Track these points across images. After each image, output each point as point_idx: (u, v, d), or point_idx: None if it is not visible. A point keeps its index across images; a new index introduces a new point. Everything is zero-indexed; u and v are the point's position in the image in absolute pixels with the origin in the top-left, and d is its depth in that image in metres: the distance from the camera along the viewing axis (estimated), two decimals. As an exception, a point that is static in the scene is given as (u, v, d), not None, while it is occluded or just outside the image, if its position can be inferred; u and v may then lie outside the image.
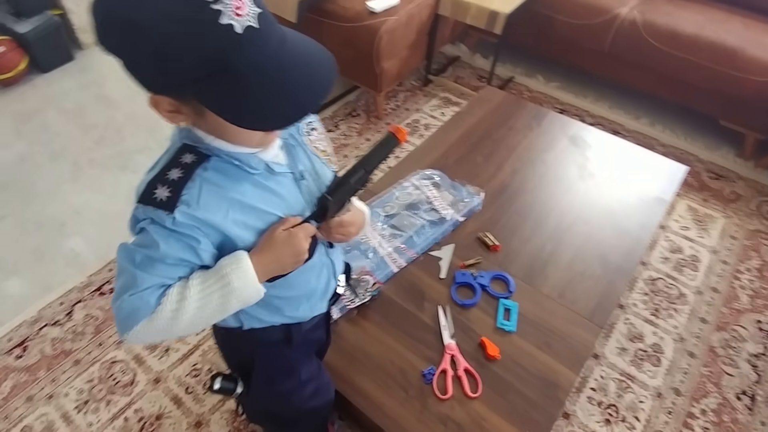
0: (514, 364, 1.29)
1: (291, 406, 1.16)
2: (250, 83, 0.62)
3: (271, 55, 0.63)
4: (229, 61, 0.60)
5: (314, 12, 2.44)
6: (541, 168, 1.82)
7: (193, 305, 0.75)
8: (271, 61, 0.63)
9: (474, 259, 1.51)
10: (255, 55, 0.61)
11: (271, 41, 0.63)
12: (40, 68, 3.03)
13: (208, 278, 0.76)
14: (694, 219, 2.33)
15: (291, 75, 0.64)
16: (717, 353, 1.86)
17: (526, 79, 3.15)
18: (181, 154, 0.75)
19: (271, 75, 0.63)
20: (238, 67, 0.61)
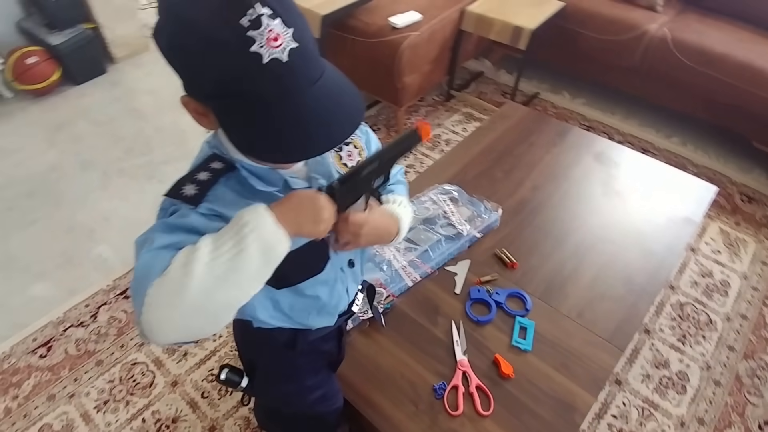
0: (529, 383, 1.27)
1: (292, 407, 1.17)
2: (257, 114, 0.62)
3: (292, 91, 0.62)
4: (244, 88, 0.61)
5: (337, 27, 2.47)
6: (563, 185, 1.79)
7: (206, 254, 0.64)
8: (288, 97, 0.62)
9: (490, 276, 1.49)
10: (274, 87, 0.61)
11: (299, 77, 0.62)
12: (73, 80, 3.13)
13: (223, 229, 0.69)
14: (725, 242, 2.27)
15: (304, 116, 0.64)
16: (742, 382, 1.80)
17: (551, 95, 3.14)
18: (210, 161, 0.76)
19: (283, 111, 0.63)
20: (251, 96, 0.61)
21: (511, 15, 2.52)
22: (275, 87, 0.61)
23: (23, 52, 2.90)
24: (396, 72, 2.44)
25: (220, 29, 0.57)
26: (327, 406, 1.19)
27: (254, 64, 0.58)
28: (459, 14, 2.63)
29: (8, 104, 3.00)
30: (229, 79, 0.60)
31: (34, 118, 2.91)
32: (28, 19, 3.07)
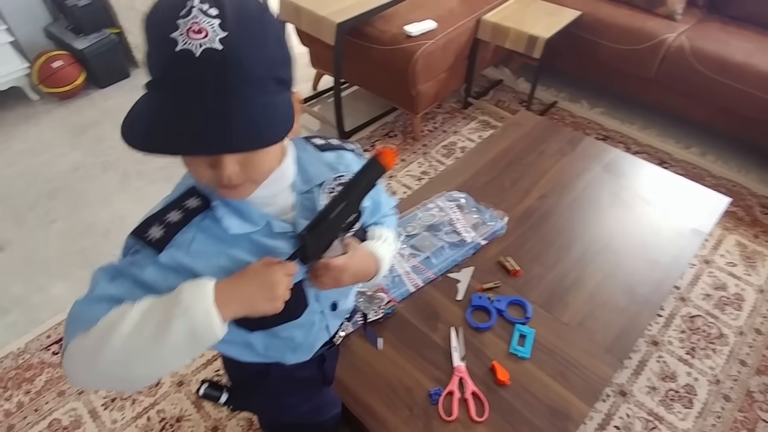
0: (525, 391, 1.28)
1: (283, 419, 1.19)
2: (145, 96, 0.60)
3: (180, 87, 0.58)
4: (156, 74, 0.60)
5: (352, 35, 2.52)
6: (570, 194, 1.81)
7: (130, 326, 0.64)
8: (174, 90, 0.58)
9: (492, 283, 1.52)
10: (170, 75, 0.58)
11: (199, 77, 0.57)
12: (97, 83, 3.25)
13: (158, 299, 0.67)
14: (742, 255, 2.24)
15: (169, 108, 0.58)
16: (754, 398, 1.77)
17: (569, 104, 3.13)
18: (187, 197, 0.74)
19: (156, 97, 0.60)
20: (155, 81, 0.60)
21: (526, 24, 2.54)
22: (172, 75, 0.58)
23: (49, 56, 3.01)
24: (411, 80, 2.48)
25: (164, 15, 0.57)
26: (323, 415, 1.21)
27: (167, 49, 0.56)
28: (475, 23, 2.65)
29: (35, 107, 3.12)
30: (150, 65, 0.59)
31: (59, 120, 3.02)
32: (54, 24, 3.20)
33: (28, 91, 3.12)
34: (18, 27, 3.08)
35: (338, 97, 2.64)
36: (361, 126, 2.93)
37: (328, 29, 2.39)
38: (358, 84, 3.09)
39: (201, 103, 0.57)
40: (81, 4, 3.02)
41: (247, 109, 0.58)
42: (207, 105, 0.57)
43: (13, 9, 3.03)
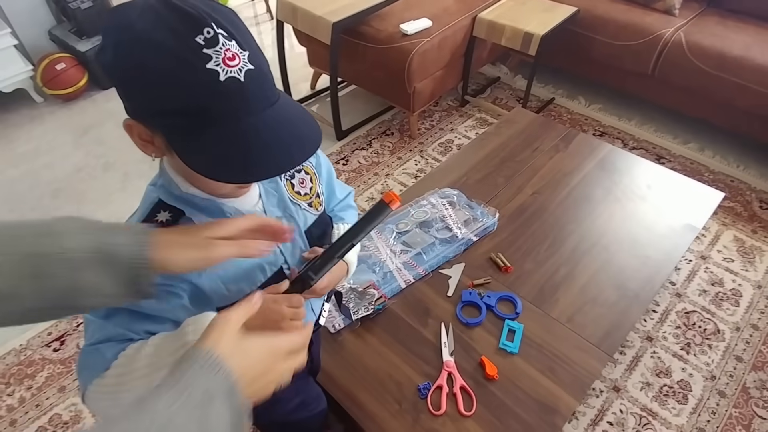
0: (513, 385, 1.29)
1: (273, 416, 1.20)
2: (212, 132, 0.61)
3: (247, 111, 0.61)
4: (200, 105, 0.59)
5: (348, 34, 2.53)
6: (563, 191, 1.81)
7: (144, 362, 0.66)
8: (243, 117, 0.61)
9: (483, 279, 1.52)
10: (228, 105, 0.60)
11: (254, 98, 0.62)
12: (100, 85, 3.28)
13: (168, 335, 0.69)
14: (739, 250, 2.23)
15: (258, 136, 0.62)
16: (750, 394, 1.77)
17: (566, 100, 3.13)
18: (156, 212, 0.74)
19: (236, 129, 0.61)
20: (206, 114, 0.60)
21: (521, 21, 2.54)
22: (230, 105, 0.60)
23: (53, 58, 3.04)
24: (407, 78, 2.49)
25: (177, 46, 0.57)
26: (310, 411, 1.22)
27: (211, 81, 0.58)
28: (471, 21, 2.66)
29: (38, 108, 3.15)
30: (185, 97, 0.59)
31: (62, 121, 3.05)
32: (58, 27, 3.24)
33: (33, 93, 3.16)
34: (22, 30, 3.12)
35: (335, 96, 2.66)
36: (359, 124, 2.94)
37: (324, 29, 2.41)
38: (355, 83, 3.11)
39: (281, 124, 0.64)
40: (84, 7, 3.06)
41: (299, 113, 0.67)
42: (281, 117, 0.64)
43: (17, 12, 3.08)
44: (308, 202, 0.93)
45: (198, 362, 0.51)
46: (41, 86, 3.09)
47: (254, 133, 0.62)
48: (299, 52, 3.12)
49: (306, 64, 3.13)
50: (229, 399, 0.51)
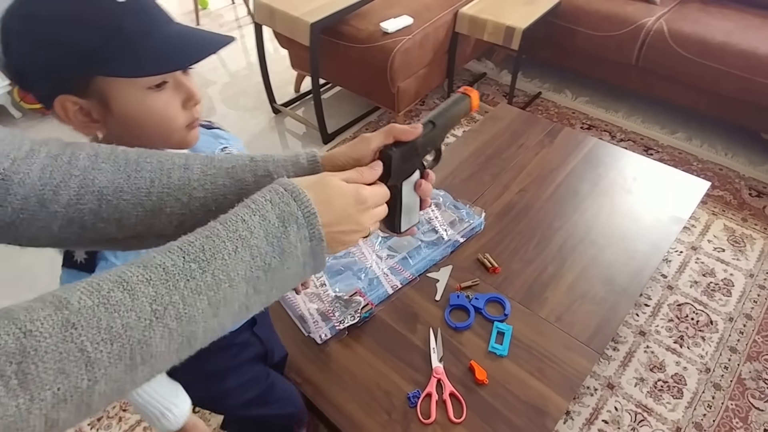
0: (503, 389, 1.28)
1: (225, 408, 1.19)
2: (140, 44, 0.65)
3: (156, 23, 0.69)
4: (116, 26, 0.64)
5: (328, 34, 2.51)
6: (549, 187, 1.80)
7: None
8: (153, 30, 0.68)
9: (471, 281, 1.51)
10: (137, 20, 0.65)
11: (157, 13, 0.70)
12: (78, 97, 3.24)
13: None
14: (730, 240, 2.23)
15: (176, 35, 0.70)
16: (746, 385, 1.76)
17: (553, 94, 3.13)
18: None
19: (157, 35, 0.68)
20: (123, 33, 0.64)
21: (503, 15, 2.53)
22: (139, 18, 0.66)
23: (29, 72, 3.01)
24: (390, 77, 2.47)
25: None
26: (271, 409, 1.21)
27: (113, 5, 0.63)
28: (452, 16, 2.65)
29: (17, 124, 3.11)
30: (98, 27, 0.63)
31: (40, 135, 2.99)
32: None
33: (11, 108, 3.12)
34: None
35: (318, 99, 2.64)
36: (345, 126, 2.93)
37: (302, 30, 2.39)
38: (338, 84, 3.09)
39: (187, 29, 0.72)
40: None
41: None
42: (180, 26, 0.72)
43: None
44: None
45: (274, 187, 0.51)
46: (18, 101, 3.07)
47: (170, 35, 0.69)
48: (283, 54, 3.10)
49: (290, 67, 3.11)
50: (307, 227, 0.50)
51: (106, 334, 0.39)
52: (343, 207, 0.54)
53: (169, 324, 0.42)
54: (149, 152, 0.57)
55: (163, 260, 0.43)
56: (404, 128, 0.62)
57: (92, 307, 0.39)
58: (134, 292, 0.41)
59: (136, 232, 0.56)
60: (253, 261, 0.47)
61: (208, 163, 0.58)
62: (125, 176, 0.55)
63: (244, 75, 3.49)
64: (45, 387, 0.36)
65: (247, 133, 2.96)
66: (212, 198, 0.57)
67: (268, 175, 0.59)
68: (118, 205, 0.54)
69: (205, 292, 0.44)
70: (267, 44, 2.89)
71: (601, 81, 3.00)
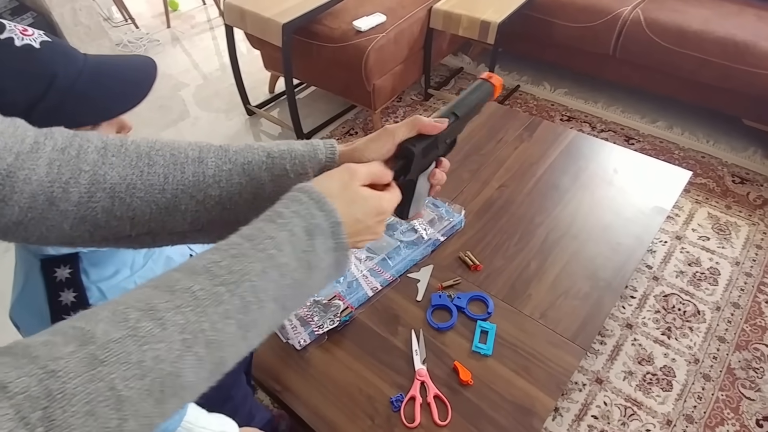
0: (488, 389, 1.27)
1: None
2: (77, 87, 0.68)
3: (79, 63, 0.71)
4: (48, 73, 0.66)
5: (301, 34, 2.49)
6: (530, 182, 1.80)
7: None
8: (82, 67, 0.70)
9: (452, 280, 1.50)
10: (58, 62, 0.68)
11: (69, 52, 0.71)
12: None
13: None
14: (714, 228, 2.25)
15: (103, 70, 0.73)
16: (736, 375, 1.77)
17: (532, 87, 3.14)
18: (51, 274, 0.74)
19: (88, 73, 0.70)
20: (53, 77, 0.67)
21: (477, 10, 2.53)
22: (60, 59, 0.68)
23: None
24: (365, 75, 2.46)
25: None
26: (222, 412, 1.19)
27: (34, 52, 0.65)
28: (426, 12, 2.64)
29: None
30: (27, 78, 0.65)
31: None
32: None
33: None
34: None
35: (292, 99, 2.62)
36: (321, 126, 2.92)
37: (274, 31, 2.37)
38: (313, 83, 3.07)
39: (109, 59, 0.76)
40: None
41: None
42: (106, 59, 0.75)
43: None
44: None
45: (299, 196, 0.49)
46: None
47: (99, 67, 0.72)
48: (256, 54, 3.07)
49: (261, 69, 3.08)
50: (333, 238, 0.49)
51: (137, 369, 0.36)
52: (364, 219, 0.53)
53: (198, 352, 0.40)
54: (160, 144, 0.55)
55: (190, 284, 0.41)
56: (430, 123, 0.59)
57: (120, 340, 0.37)
58: (164, 321, 0.39)
59: (150, 229, 0.55)
60: (282, 280, 0.45)
61: (223, 157, 0.56)
62: (138, 172, 0.53)
63: (218, 77, 3.46)
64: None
65: (221, 135, 2.94)
66: (227, 197, 0.56)
67: (285, 174, 0.58)
68: (131, 203, 0.52)
69: (234, 316, 0.42)
70: (240, 45, 2.87)
71: (580, 72, 3.01)
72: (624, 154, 1.92)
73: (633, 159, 1.90)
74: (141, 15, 4.11)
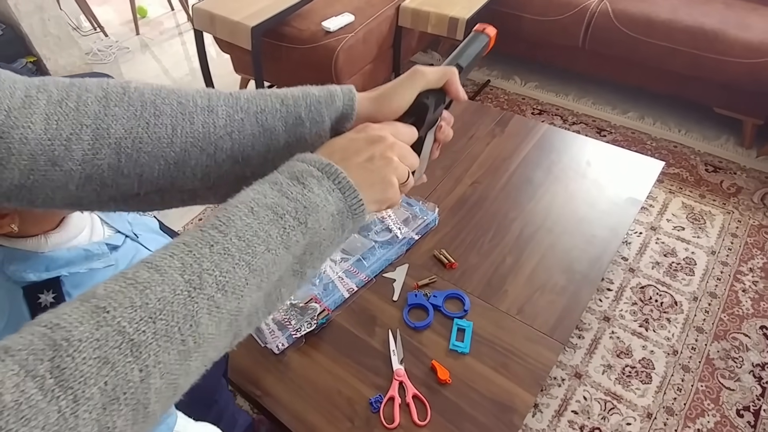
0: (467, 387, 1.28)
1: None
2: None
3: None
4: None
5: (270, 36, 2.50)
6: (503, 177, 1.81)
7: None
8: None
9: (428, 279, 1.51)
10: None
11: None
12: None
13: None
14: (689, 217, 2.29)
15: None
16: (715, 365, 1.80)
17: (502, 81, 3.18)
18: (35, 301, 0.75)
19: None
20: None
21: (445, 6, 2.55)
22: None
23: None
24: (335, 76, 2.47)
25: None
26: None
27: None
28: (395, 10, 2.66)
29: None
30: None
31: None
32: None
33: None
34: None
35: (262, 103, 2.60)
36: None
37: (243, 34, 2.37)
38: (283, 85, 3.04)
39: None
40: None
41: None
42: None
43: None
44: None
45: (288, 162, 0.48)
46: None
47: None
48: (225, 58, 3.06)
49: (233, 71, 3.07)
50: (328, 178, 0.46)
51: (143, 312, 0.35)
52: (355, 148, 0.51)
53: (211, 295, 0.39)
54: (166, 91, 0.51)
55: (180, 238, 0.41)
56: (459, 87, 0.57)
57: (120, 290, 0.36)
58: (160, 267, 0.38)
59: (159, 187, 0.52)
60: (281, 220, 0.43)
61: (234, 105, 0.52)
62: (144, 124, 0.49)
63: (188, 82, 3.44)
64: (89, 382, 0.32)
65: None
66: (239, 149, 0.52)
67: (300, 123, 0.54)
68: (138, 159, 0.49)
69: (239, 256, 0.41)
70: (209, 49, 2.85)
71: (550, 65, 3.05)
72: (596, 146, 1.95)
73: (605, 151, 1.93)
74: (110, 23, 4.07)
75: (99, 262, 0.79)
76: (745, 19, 2.41)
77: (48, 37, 3.13)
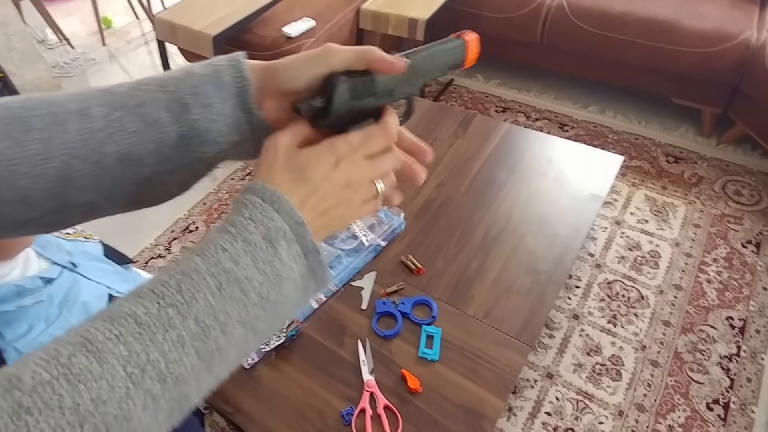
0: (437, 395, 1.29)
1: None
2: None
3: None
4: None
5: (232, 44, 2.48)
6: (467, 178, 1.83)
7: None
8: None
9: (396, 286, 1.51)
10: None
11: None
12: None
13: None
14: (652, 210, 2.34)
15: None
16: (683, 359, 1.83)
17: (465, 80, 3.21)
18: None
19: None
20: None
21: (404, 7, 2.57)
22: None
23: None
24: (297, 82, 2.46)
25: None
26: None
27: None
28: (355, 14, 2.67)
29: None
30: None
31: None
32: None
33: None
34: None
35: (224, 110, 2.59)
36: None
37: (205, 43, 2.36)
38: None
39: None
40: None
41: None
42: None
43: None
44: (84, 236, 0.94)
45: (251, 199, 0.42)
46: None
47: None
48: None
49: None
50: (298, 241, 0.42)
51: (72, 415, 0.31)
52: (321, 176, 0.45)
53: (151, 389, 0.35)
54: (35, 101, 0.45)
55: (133, 308, 0.36)
56: (385, 58, 0.48)
57: (50, 381, 0.32)
58: (101, 353, 0.33)
59: (50, 208, 0.46)
60: (245, 298, 0.40)
61: (109, 103, 0.46)
62: (13, 142, 0.43)
63: (152, 92, 3.39)
64: None
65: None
66: (126, 150, 0.46)
67: (187, 110, 0.48)
68: (17, 182, 0.43)
69: (191, 343, 0.37)
70: (175, 58, 2.81)
71: (511, 62, 3.10)
72: (557, 143, 1.98)
73: (566, 147, 1.96)
74: (76, 34, 4.00)
75: (29, 298, 0.77)
76: (698, 7, 2.48)
77: (13, 53, 3.07)
